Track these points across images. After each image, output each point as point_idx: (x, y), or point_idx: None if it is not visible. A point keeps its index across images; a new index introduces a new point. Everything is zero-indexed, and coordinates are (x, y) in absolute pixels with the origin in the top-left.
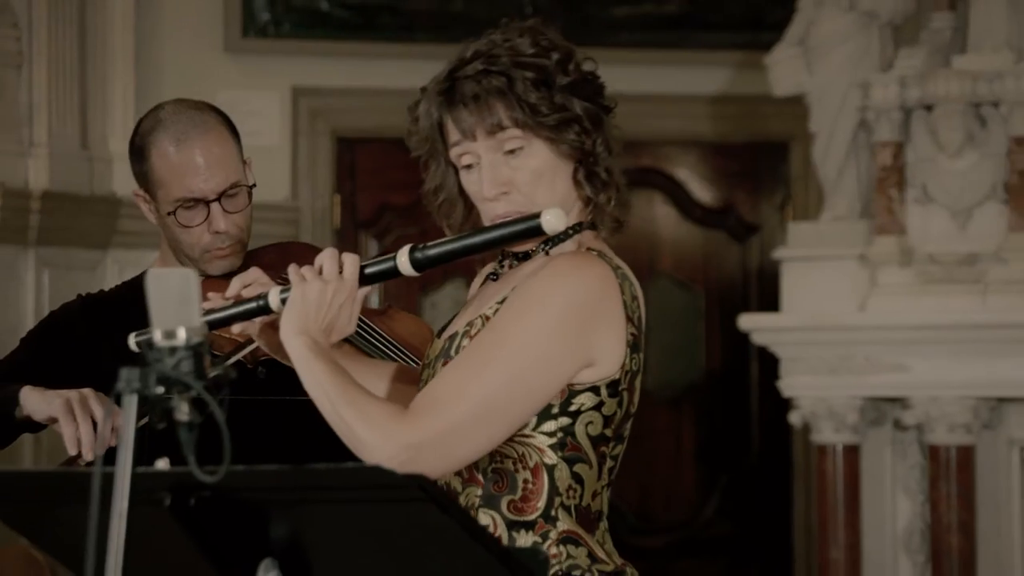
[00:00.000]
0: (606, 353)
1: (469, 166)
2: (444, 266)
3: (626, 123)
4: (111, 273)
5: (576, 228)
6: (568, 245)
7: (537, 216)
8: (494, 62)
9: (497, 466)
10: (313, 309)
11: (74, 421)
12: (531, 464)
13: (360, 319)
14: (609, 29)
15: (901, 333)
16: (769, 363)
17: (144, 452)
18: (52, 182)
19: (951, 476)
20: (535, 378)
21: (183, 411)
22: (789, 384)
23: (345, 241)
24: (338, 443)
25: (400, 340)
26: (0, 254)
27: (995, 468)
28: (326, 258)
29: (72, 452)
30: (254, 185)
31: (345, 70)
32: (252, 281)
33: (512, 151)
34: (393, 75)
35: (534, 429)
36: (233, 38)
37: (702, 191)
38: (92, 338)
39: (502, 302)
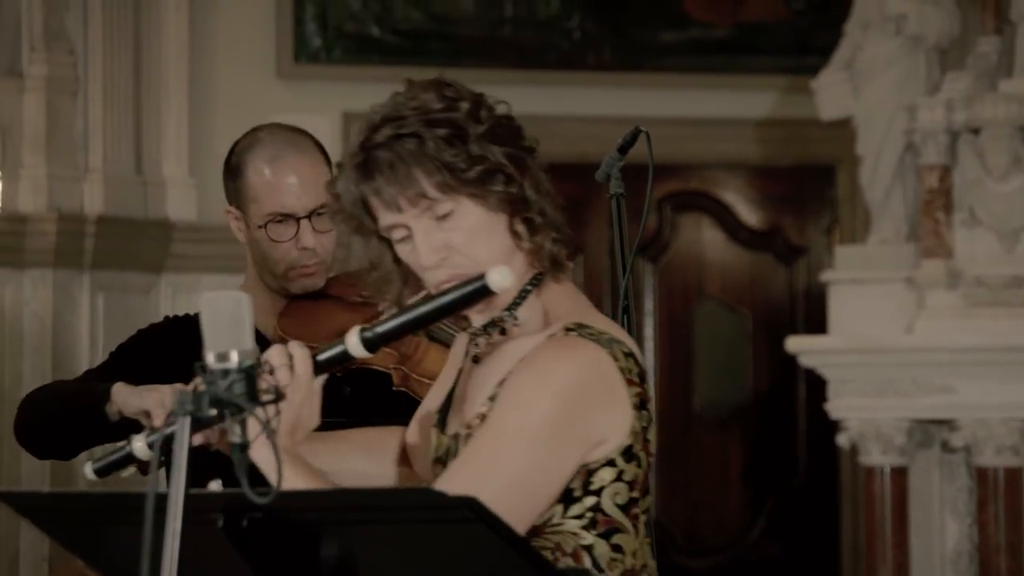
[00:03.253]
0: (613, 427)
1: (402, 238)
2: None
3: (673, 147)
4: (164, 296)
5: (533, 283)
6: (531, 302)
7: (482, 277)
8: (402, 125)
9: None
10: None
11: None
12: (569, 550)
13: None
14: (657, 54)
15: (948, 355)
16: (816, 385)
17: (197, 473)
18: (107, 206)
19: (999, 498)
20: (540, 479)
21: (236, 433)
22: (837, 406)
23: None
24: None
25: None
26: (56, 278)
27: None
28: (274, 359)
29: None
30: None
31: None
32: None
33: (442, 216)
34: None
35: (563, 516)
36: (285, 64)
37: (749, 214)
38: (177, 357)
39: (493, 397)
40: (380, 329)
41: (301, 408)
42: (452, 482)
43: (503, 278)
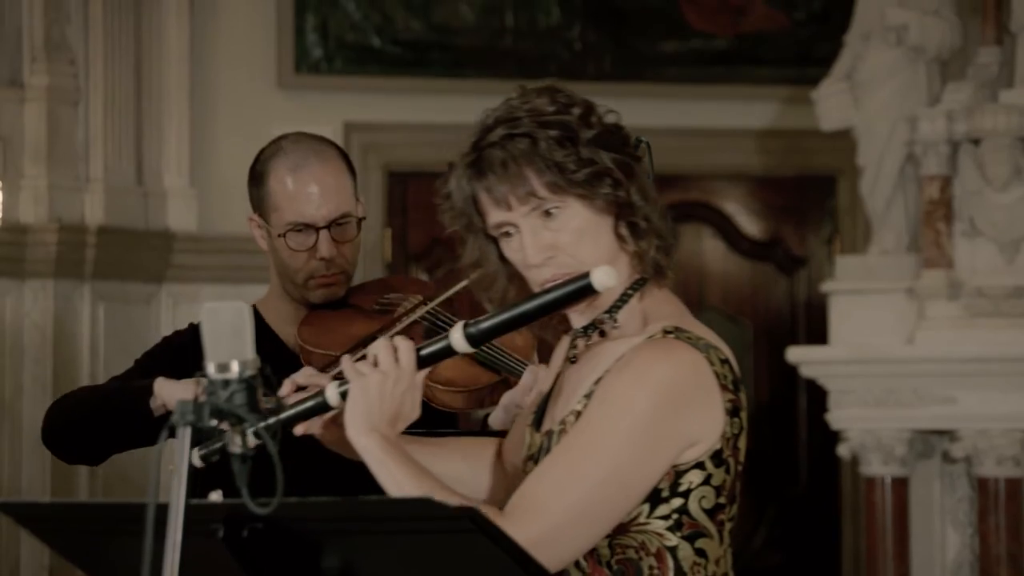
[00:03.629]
0: (706, 430)
1: (508, 234)
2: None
3: (674, 157)
4: (165, 307)
5: (636, 286)
6: (632, 306)
7: (586, 276)
8: (516, 125)
9: (620, 556)
10: (376, 403)
11: None
12: (653, 550)
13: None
14: (658, 64)
15: (949, 366)
16: (817, 395)
17: (198, 484)
18: (108, 217)
19: (1000, 508)
20: (631, 476)
21: (236, 443)
22: (837, 416)
23: (395, 274)
24: None
25: (514, 349)
26: (57, 288)
27: None
28: (380, 349)
29: None
30: (363, 218)
31: (396, 105)
32: (306, 382)
33: (549, 213)
34: (444, 110)
35: (649, 516)
36: (286, 74)
37: (750, 224)
38: (200, 364)
39: (589, 395)
40: (484, 325)
41: (403, 399)
42: (546, 476)
43: (607, 277)
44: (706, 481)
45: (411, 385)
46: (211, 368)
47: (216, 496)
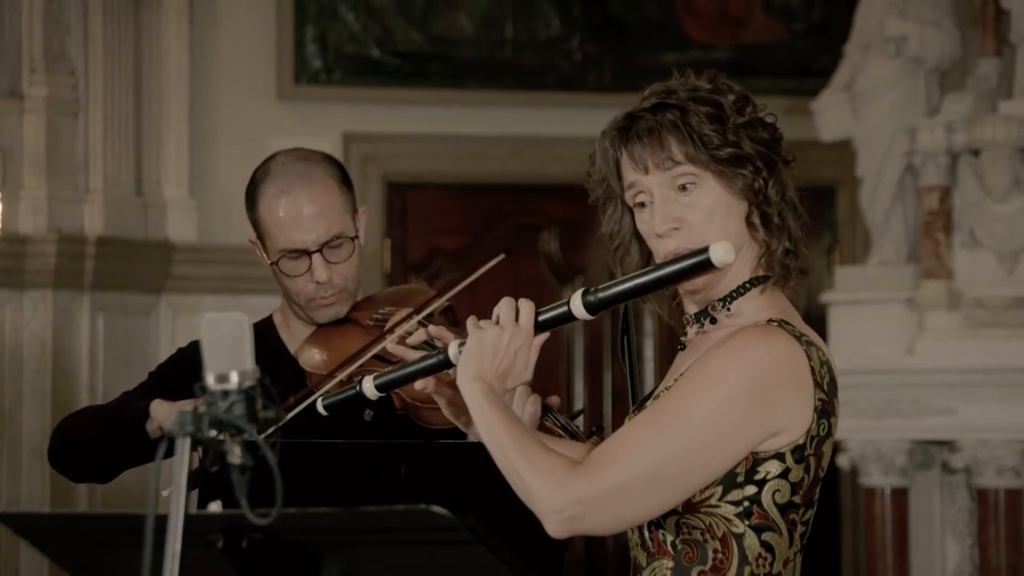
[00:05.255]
0: (792, 421)
1: (642, 204)
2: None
3: None
4: (165, 317)
5: (755, 281)
6: (749, 299)
7: (705, 250)
8: (670, 96)
9: (686, 537)
10: (489, 354)
11: None
12: (719, 534)
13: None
14: (657, 75)
15: (949, 377)
16: None
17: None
18: (107, 228)
19: (1000, 519)
20: (711, 450)
21: (235, 454)
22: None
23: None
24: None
25: None
26: (56, 299)
27: None
28: (502, 306)
29: None
30: (356, 236)
31: (396, 117)
32: (436, 336)
33: (684, 187)
34: (443, 121)
35: (720, 499)
36: (286, 85)
37: None
38: None
39: (684, 373)
40: (603, 294)
41: (516, 356)
42: (628, 436)
43: (726, 253)
44: (783, 475)
45: (526, 344)
46: (210, 379)
47: (215, 507)
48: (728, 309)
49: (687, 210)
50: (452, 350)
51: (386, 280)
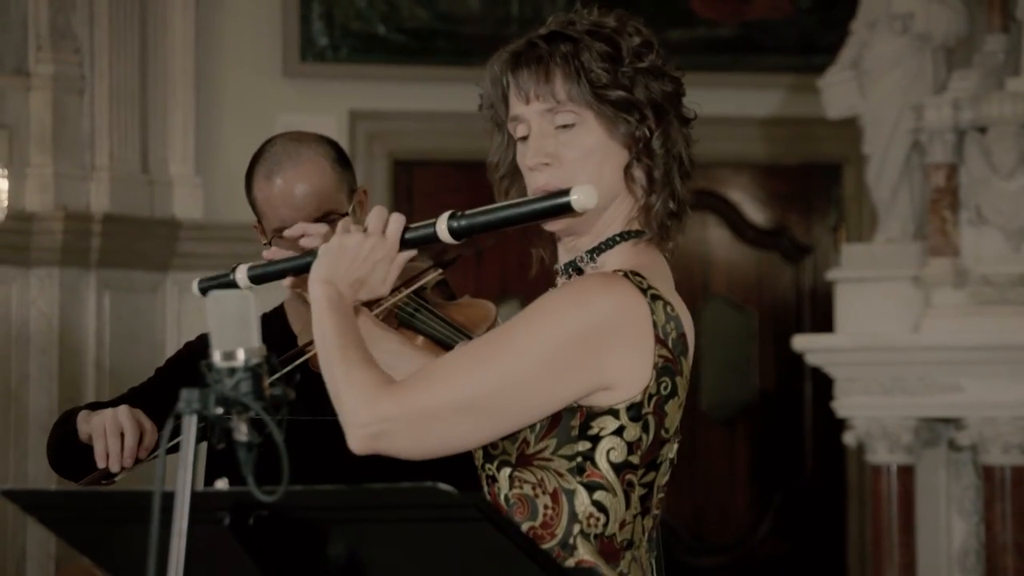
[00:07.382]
0: (625, 377)
1: (524, 138)
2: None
3: None
4: (171, 295)
5: (626, 235)
6: (617, 252)
7: (567, 192)
8: (569, 27)
9: (517, 491)
10: (348, 259)
11: (103, 437)
12: (550, 489)
13: (420, 300)
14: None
15: (955, 354)
16: (823, 383)
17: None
18: (113, 205)
19: (1006, 496)
20: (532, 389)
21: (242, 431)
22: (843, 404)
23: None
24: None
25: (457, 324)
26: (62, 276)
27: None
28: (373, 215)
29: (100, 465)
30: (347, 214)
31: (402, 94)
32: (314, 232)
33: (564, 126)
34: (449, 98)
35: (554, 452)
36: (291, 63)
37: (755, 213)
38: None
39: None
40: (466, 221)
41: (376, 267)
42: (452, 360)
43: (587, 198)
44: (618, 432)
45: (387, 257)
46: (216, 356)
47: (222, 484)
48: (594, 261)
49: (563, 147)
50: (321, 251)
51: None
